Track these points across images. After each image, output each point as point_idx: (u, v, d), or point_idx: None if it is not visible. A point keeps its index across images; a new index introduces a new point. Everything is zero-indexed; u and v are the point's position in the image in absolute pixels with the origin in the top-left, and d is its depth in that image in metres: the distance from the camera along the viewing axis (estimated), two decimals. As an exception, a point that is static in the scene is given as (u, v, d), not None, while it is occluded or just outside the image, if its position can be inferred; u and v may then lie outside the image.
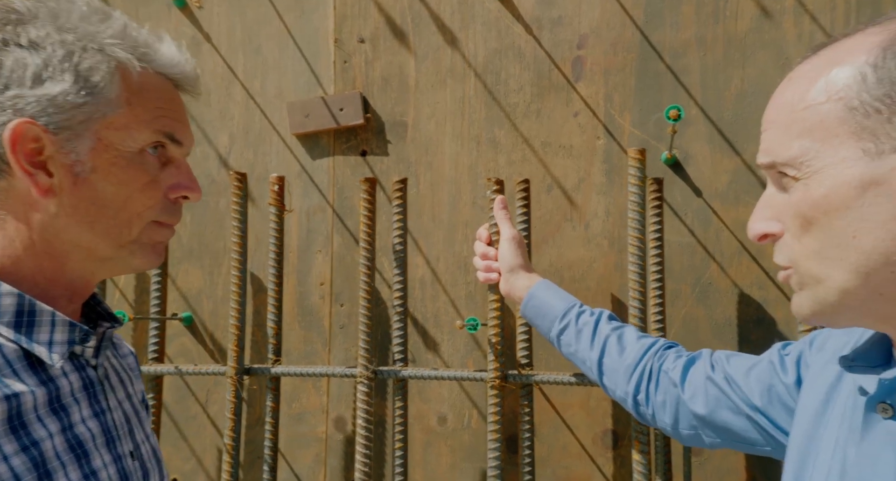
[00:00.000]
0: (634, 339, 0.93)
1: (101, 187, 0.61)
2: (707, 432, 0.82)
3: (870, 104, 0.47)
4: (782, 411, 0.72)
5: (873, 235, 0.47)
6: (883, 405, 0.49)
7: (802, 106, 0.50)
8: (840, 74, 0.49)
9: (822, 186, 0.49)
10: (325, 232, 1.47)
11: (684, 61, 1.29)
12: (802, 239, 0.51)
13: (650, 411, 0.88)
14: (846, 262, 0.48)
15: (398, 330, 1.26)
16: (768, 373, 0.74)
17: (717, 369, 0.81)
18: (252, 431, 1.46)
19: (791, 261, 0.53)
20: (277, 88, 1.51)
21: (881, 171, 0.47)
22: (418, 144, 1.43)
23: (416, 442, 1.38)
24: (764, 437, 0.75)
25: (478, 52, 1.40)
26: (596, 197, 1.33)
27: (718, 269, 1.26)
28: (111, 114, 0.61)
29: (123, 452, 0.66)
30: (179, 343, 1.52)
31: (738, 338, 1.24)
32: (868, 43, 0.49)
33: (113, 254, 0.64)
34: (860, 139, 0.48)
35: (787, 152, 0.51)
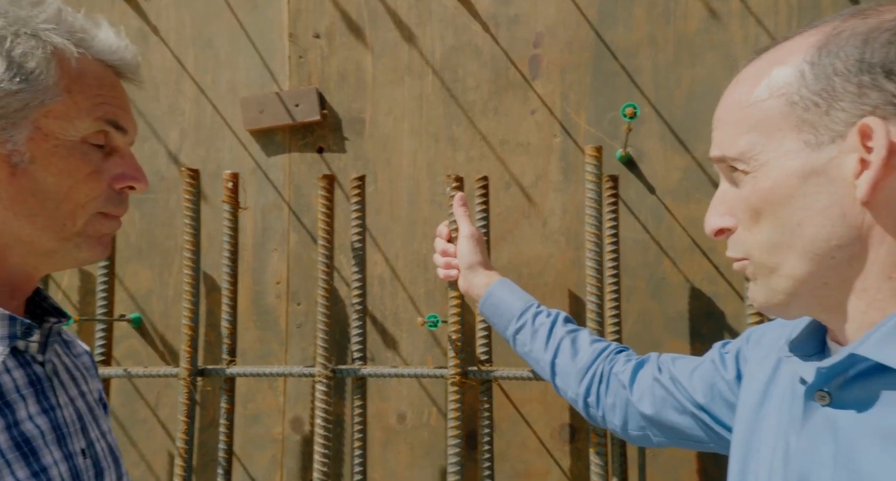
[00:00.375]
0: (588, 343, 0.95)
1: (41, 178, 0.59)
2: (654, 431, 0.84)
3: (808, 98, 0.50)
4: (724, 408, 0.75)
5: (815, 222, 0.49)
6: (821, 393, 0.51)
7: (748, 103, 0.53)
8: (781, 73, 0.52)
9: (768, 178, 0.51)
10: (281, 230, 1.45)
11: (637, 61, 1.32)
12: (753, 230, 0.53)
13: (600, 413, 0.90)
14: (793, 250, 0.50)
15: (357, 328, 1.24)
16: (710, 372, 0.77)
17: (663, 371, 0.83)
18: (205, 434, 1.42)
19: (746, 253, 0.55)
20: (230, 83, 1.48)
21: (820, 161, 0.49)
22: (376, 141, 1.42)
23: (374, 440, 1.37)
24: (708, 434, 0.78)
25: (435, 49, 1.40)
26: (553, 194, 1.35)
27: (671, 265, 1.29)
28: (49, 101, 0.59)
29: (75, 450, 0.64)
30: (128, 345, 1.47)
31: (690, 332, 1.28)
32: (805, 43, 0.52)
33: (56, 247, 0.62)
34: (801, 131, 0.50)
35: (736, 147, 0.53)
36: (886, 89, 0.47)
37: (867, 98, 0.48)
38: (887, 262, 0.49)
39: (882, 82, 0.47)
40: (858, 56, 0.48)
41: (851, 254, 0.49)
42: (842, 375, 0.50)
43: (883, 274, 0.49)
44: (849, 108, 0.48)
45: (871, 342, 0.48)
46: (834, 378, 0.51)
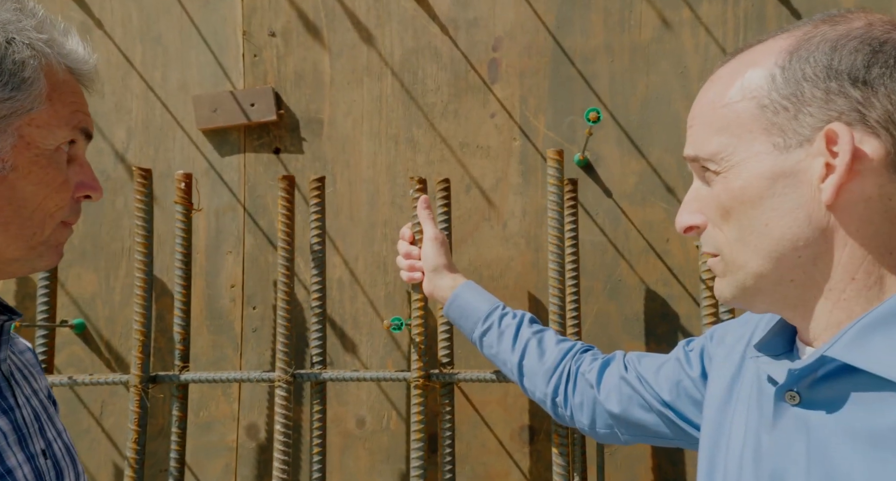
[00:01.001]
0: (554, 343, 0.96)
1: (21, 186, 0.59)
2: (621, 430, 0.85)
3: (778, 102, 0.51)
4: (690, 404, 0.77)
5: (782, 223, 0.51)
6: (790, 393, 0.53)
7: (721, 104, 0.54)
8: (753, 75, 0.53)
9: (738, 179, 0.53)
10: (235, 232, 1.41)
11: (594, 67, 1.34)
12: (723, 228, 0.55)
13: (568, 412, 0.91)
14: (760, 249, 0.52)
15: (316, 332, 1.22)
16: (675, 370, 0.79)
17: (629, 369, 0.85)
18: (154, 443, 1.37)
19: (717, 249, 0.56)
20: (180, 81, 1.43)
21: (788, 164, 0.51)
22: (335, 142, 1.40)
23: (333, 446, 1.35)
24: (673, 431, 0.80)
25: (394, 50, 1.39)
26: (513, 197, 1.36)
27: (627, 267, 1.32)
28: (35, 110, 0.59)
29: (35, 451, 0.62)
30: (70, 352, 1.40)
31: (646, 332, 1.31)
32: (777, 47, 0.53)
33: (20, 256, 0.61)
34: (770, 134, 0.52)
35: (708, 147, 0.54)
36: (852, 96, 0.49)
37: (834, 104, 0.49)
38: (850, 263, 0.50)
39: (848, 89, 0.49)
40: (827, 62, 0.50)
41: (816, 254, 0.51)
42: (811, 375, 0.52)
43: (847, 274, 0.51)
44: (816, 113, 0.50)
45: (840, 343, 0.50)
46: (803, 378, 0.53)
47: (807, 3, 1.29)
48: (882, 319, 0.48)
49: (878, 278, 0.50)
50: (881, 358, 0.47)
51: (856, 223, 0.50)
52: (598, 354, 0.93)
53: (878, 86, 0.49)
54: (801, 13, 1.29)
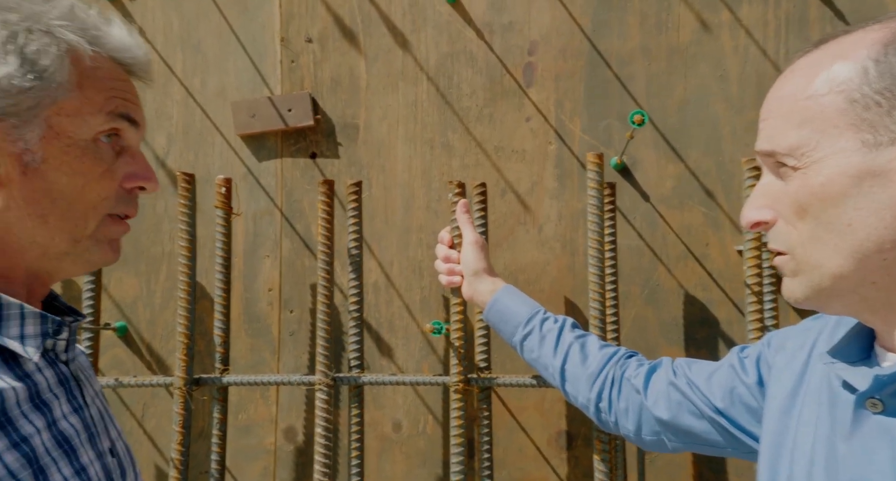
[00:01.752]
0: (597, 348, 0.95)
1: (54, 178, 0.58)
2: (669, 436, 0.84)
3: (870, 97, 0.49)
4: (744, 412, 0.75)
5: (867, 223, 0.49)
6: (872, 400, 0.51)
7: (804, 96, 0.52)
8: (842, 68, 0.51)
9: (819, 175, 0.51)
10: (273, 236, 1.42)
11: (630, 69, 1.33)
12: (798, 225, 0.53)
13: (612, 418, 0.90)
14: (841, 249, 0.50)
15: (354, 335, 1.23)
16: (729, 376, 0.77)
17: (679, 375, 0.84)
18: (195, 445, 1.39)
19: (788, 248, 0.54)
20: (219, 87, 1.45)
21: (878, 162, 0.49)
22: (370, 147, 1.41)
23: (370, 449, 1.36)
24: (726, 439, 0.78)
25: (429, 55, 1.40)
26: (549, 201, 1.35)
27: (665, 271, 1.31)
28: (62, 98, 0.58)
29: (103, 449, 0.63)
30: (112, 354, 1.43)
31: (685, 337, 1.29)
32: (870, 39, 0.51)
33: (69, 249, 0.61)
34: (859, 130, 0.49)
35: (787, 141, 0.52)
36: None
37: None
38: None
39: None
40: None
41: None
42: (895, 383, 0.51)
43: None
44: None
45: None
46: (888, 385, 0.51)
47: (850, 4, 1.27)
48: None
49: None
50: None
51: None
52: (643, 360, 0.92)
53: None
54: (846, 15, 1.27)
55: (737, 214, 1.29)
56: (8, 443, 0.52)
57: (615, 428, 0.90)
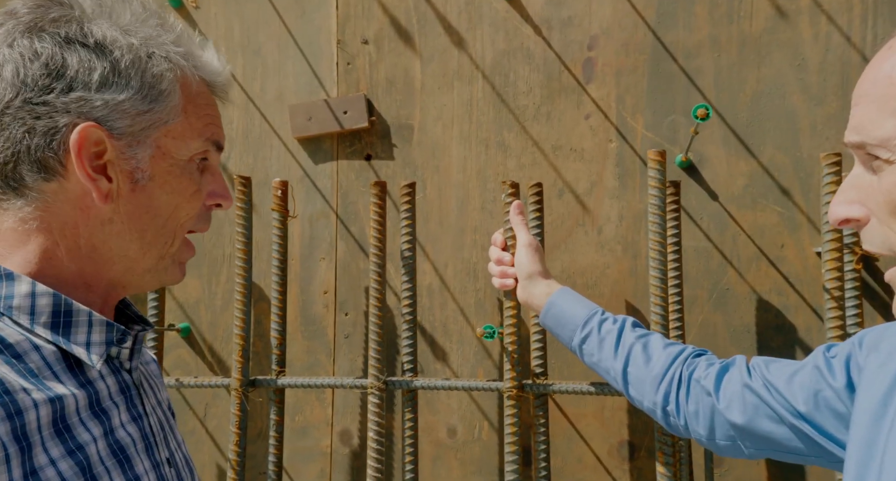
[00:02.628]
0: (661, 347, 0.90)
1: (157, 195, 0.61)
2: (745, 442, 0.78)
3: None
4: (831, 417, 0.69)
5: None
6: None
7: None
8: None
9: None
10: (328, 238, 1.43)
11: (698, 62, 1.26)
12: (893, 226, 0.47)
13: (682, 422, 0.84)
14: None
15: (407, 339, 1.21)
16: (814, 378, 0.71)
17: (754, 376, 0.77)
18: (253, 446, 1.40)
19: (883, 249, 0.49)
20: (278, 90, 1.47)
21: None
22: (425, 148, 1.39)
23: (424, 455, 1.34)
24: (808, 446, 0.72)
25: (485, 53, 1.37)
26: (609, 201, 1.30)
27: (736, 275, 1.23)
28: (172, 122, 0.61)
29: (161, 459, 0.64)
30: (176, 354, 1.46)
31: (758, 345, 1.21)
32: None
33: (153, 266, 0.64)
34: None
35: (880, 131, 0.46)
36: None
37: None
38: None
39: None
40: None
41: None
42: None
43: None
44: None
45: None
46: None
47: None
48: None
49: None
50: None
51: None
52: (713, 359, 0.86)
53: None
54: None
55: (816, 214, 1.20)
56: (64, 451, 0.52)
57: (685, 433, 0.84)
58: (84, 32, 0.57)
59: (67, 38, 0.57)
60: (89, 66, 0.57)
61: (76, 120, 0.56)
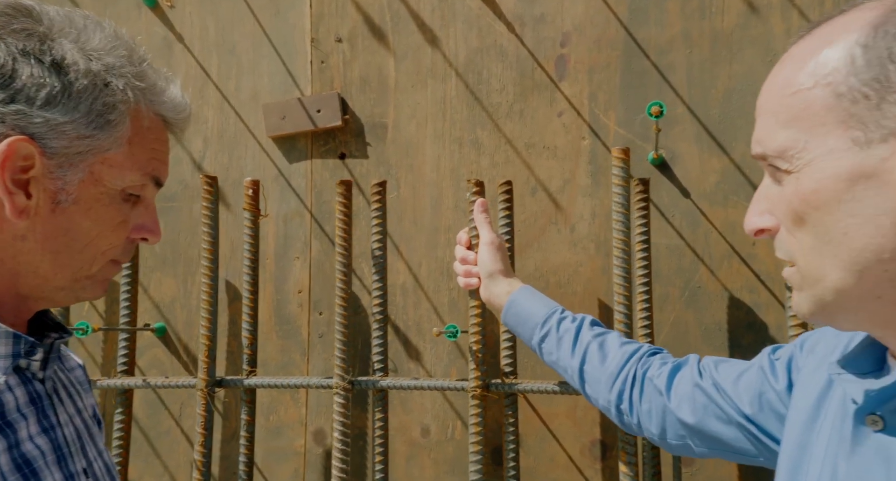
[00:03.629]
0: (617, 346, 0.89)
1: (77, 220, 0.60)
2: (695, 441, 0.78)
3: (857, 89, 0.43)
4: (774, 419, 0.68)
5: (863, 232, 0.44)
6: (872, 417, 0.46)
7: (790, 91, 0.46)
8: (829, 56, 0.45)
9: (811, 180, 0.45)
10: (303, 237, 1.42)
11: (670, 58, 1.25)
12: (797, 235, 0.47)
13: (635, 420, 0.84)
14: (839, 260, 0.45)
15: (378, 338, 1.21)
16: (758, 380, 0.70)
17: (704, 376, 0.77)
18: (227, 446, 1.40)
19: (791, 258, 0.49)
20: (252, 90, 1.46)
21: (870, 163, 0.43)
22: (399, 146, 1.39)
23: (398, 454, 1.33)
24: (755, 447, 0.71)
25: (459, 51, 1.36)
26: (581, 199, 1.29)
27: (708, 272, 1.22)
28: (112, 151, 0.60)
29: (76, 470, 0.63)
30: (152, 354, 1.46)
31: (729, 343, 1.20)
32: (861, 20, 0.45)
33: (65, 286, 0.63)
34: (848, 128, 0.44)
35: (776, 143, 0.47)
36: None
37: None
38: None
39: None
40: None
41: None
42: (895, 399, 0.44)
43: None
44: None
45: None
46: (888, 401, 0.45)
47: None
48: None
49: None
50: None
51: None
52: (667, 357, 0.85)
53: None
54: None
55: (787, 211, 1.19)
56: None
57: (639, 431, 0.84)
58: (43, 49, 0.57)
59: (24, 51, 0.56)
60: (39, 83, 0.56)
61: (9, 131, 0.55)
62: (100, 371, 1.45)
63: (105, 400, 1.44)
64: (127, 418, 1.26)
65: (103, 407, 1.44)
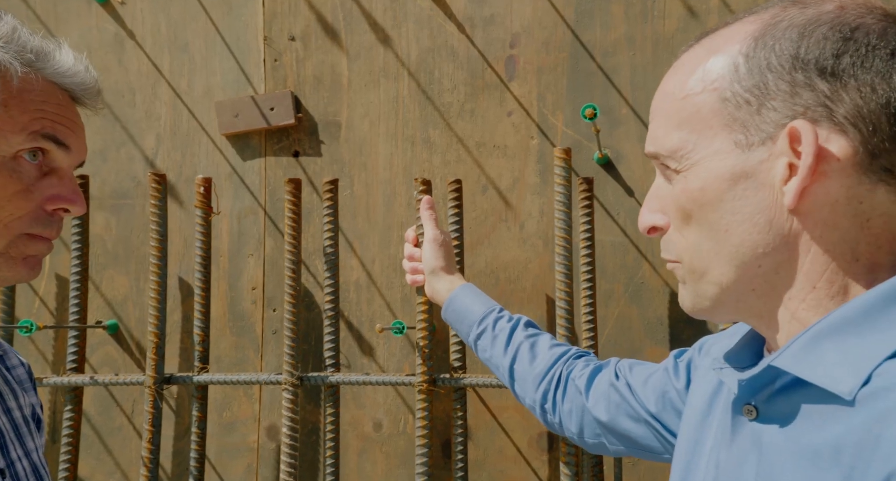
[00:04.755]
0: (547, 347, 0.92)
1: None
2: (610, 439, 0.81)
3: (740, 95, 0.47)
4: (675, 417, 0.72)
5: (741, 228, 0.47)
6: (748, 407, 0.49)
7: (681, 95, 0.50)
8: (716, 64, 0.48)
9: (698, 179, 0.48)
10: (256, 235, 1.43)
11: (614, 60, 1.29)
12: (684, 232, 0.50)
13: (557, 419, 0.87)
14: (721, 256, 0.48)
15: (329, 334, 1.22)
16: (663, 380, 0.74)
17: (620, 377, 0.81)
18: (180, 442, 1.41)
19: (677, 256, 0.52)
20: (205, 87, 1.46)
21: (750, 164, 0.46)
22: (352, 145, 1.40)
23: (350, 449, 1.35)
24: (662, 445, 0.75)
25: (410, 50, 1.38)
26: (530, 197, 1.32)
27: (651, 269, 1.26)
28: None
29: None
30: (105, 352, 1.46)
31: (670, 337, 1.25)
32: (743, 32, 0.48)
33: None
34: (732, 131, 0.47)
35: (668, 143, 0.50)
36: (819, 89, 0.44)
37: (799, 98, 0.45)
38: (812, 271, 0.46)
39: (815, 81, 0.44)
40: (793, 51, 0.45)
41: (778, 262, 0.47)
42: (768, 388, 0.48)
43: (808, 283, 0.46)
44: (780, 108, 0.45)
45: (788, 353, 0.45)
46: (760, 391, 0.48)
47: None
48: (835, 327, 0.44)
49: (841, 287, 0.46)
50: (828, 368, 0.43)
51: (820, 228, 0.45)
52: (591, 360, 0.89)
53: (847, 78, 0.44)
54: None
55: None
56: None
57: (560, 430, 0.87)
58: None
59: None
60: None
61: None
62: (50, 368, 1.44)
63: (55, 397, 1.43)
64: (76, 416, 1.25)
65: (53, 405, 1.43)
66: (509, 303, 1.30)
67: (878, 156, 0.44)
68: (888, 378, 0.41)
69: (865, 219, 0.45)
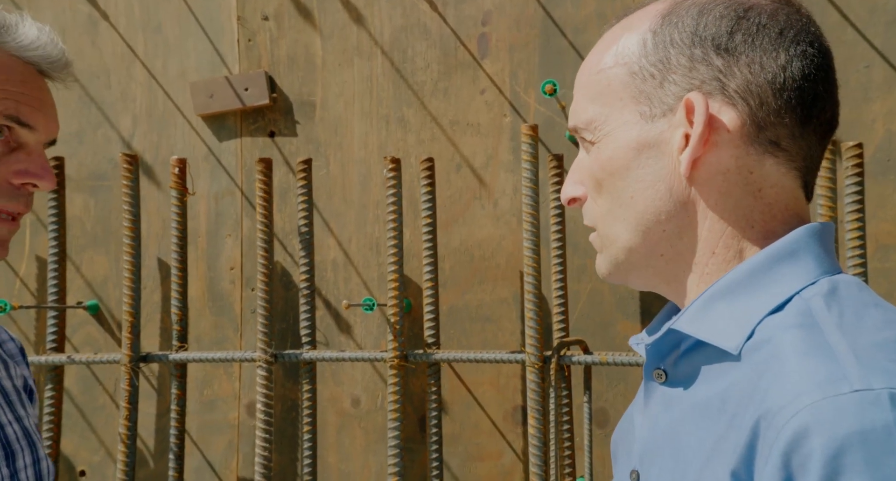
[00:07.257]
0: None
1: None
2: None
3: (647, 69, 0.49)
4: None
5: (645, 195, 0.49)
6: (658, 371, 0.51)
7: (597, 70, 0.52)
8: (628, 40, 0.51)
9: (608, 149, 0.51)
10: (234, 215, 1.44)
11: (585, 37, 1.29)
12: (597, 200, 0.52)
13: None
14: (627, 222, 0.50)
15: (305, 312, 1.24)
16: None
17: None
18: (162, 419, 1.43)
19: (593, 223, 0.54)
20: (180, 68, 1.46)
21: (653, 134, 0.49)
22: (327, 124, 1.40)
23: (329, 425, 1.37)
24: None
25: (384, 29, 1.38)
26: (504, 174, 1.33)
27: (622, 244, 1.28)
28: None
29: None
30: (85, 332, 1.47)
31: (641, 311, 1.26)
32: (654, 10, 0.51)
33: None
34: (638, 103, 0.50)
35: (584, 116, 0.52)
36: (714, 64, 0.47)
37: (696, 72, 0.48)
38: (710, 237, 0.49)
39: (711, 57, 0.47)
40: (693, 28, 0.48)
41: (680, 227, 0.49)
42: (675, 352, 0.50)
43: (708, 248, 0.49)
44: (679, 82, 0.48)
45: (685, 316, 0.48)
46: (668, 355, 0.50)
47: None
48: (726, 289, 0.47)
49: (737, 252, 0.48)
50: (718, 327, 0.46)
51: (715, 196, 0.48)
52: None
53: (739, 54, 0.47)
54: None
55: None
56: None
57: None
58: None
59: None
60: None
61: None
62: (32, 349, 1.46)
63: (38, 377, 1.45)
64: (58, 394, 1.27)
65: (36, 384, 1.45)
66: (483, 280, 1.32)
67: (764, 128, 0.47)
68: (767, 331, 0.44)
69: (757, 188, 0.48)
